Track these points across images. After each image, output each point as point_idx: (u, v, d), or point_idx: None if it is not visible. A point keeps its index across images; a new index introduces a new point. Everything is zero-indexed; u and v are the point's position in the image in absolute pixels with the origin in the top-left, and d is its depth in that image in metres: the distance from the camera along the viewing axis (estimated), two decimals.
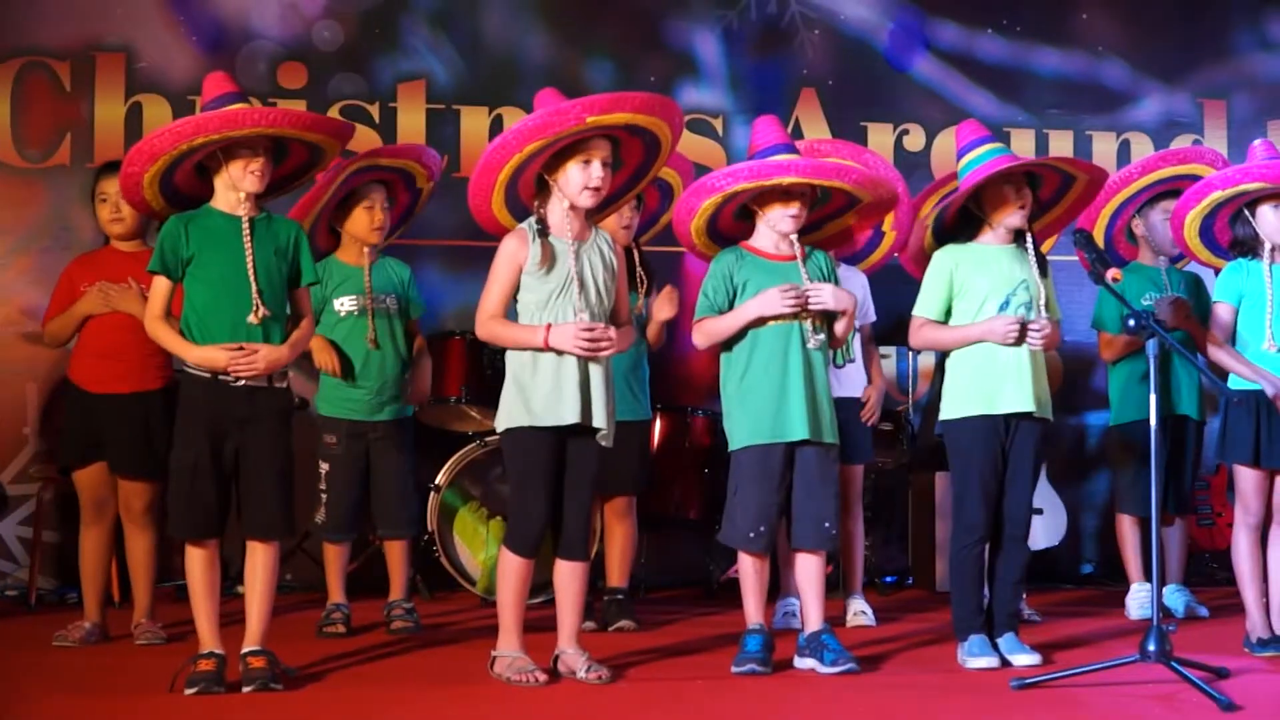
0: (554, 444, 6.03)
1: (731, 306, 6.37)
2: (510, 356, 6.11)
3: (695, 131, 9.71)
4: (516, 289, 6.07)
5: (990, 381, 6.44)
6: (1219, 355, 6.73)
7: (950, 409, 6.55)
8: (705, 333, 6.45)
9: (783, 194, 6.33)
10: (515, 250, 6.05)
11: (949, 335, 6.55)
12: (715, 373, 6.62)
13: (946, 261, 6.55)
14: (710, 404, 8.71)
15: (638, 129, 6.14)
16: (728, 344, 6.41)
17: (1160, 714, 5.51)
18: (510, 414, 6.05)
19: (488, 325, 6.09)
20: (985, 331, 6.40)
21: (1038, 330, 6.38)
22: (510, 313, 6.11)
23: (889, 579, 9.48)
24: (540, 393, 5.99)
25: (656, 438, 8.54)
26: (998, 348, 6.40)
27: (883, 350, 8.92)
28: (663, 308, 7.55)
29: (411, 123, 9.48)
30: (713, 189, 6.35)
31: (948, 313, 6.55)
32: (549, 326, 5.97)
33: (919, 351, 9.19)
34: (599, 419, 6.02)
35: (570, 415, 5.96)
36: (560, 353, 5.96)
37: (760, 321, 6.31)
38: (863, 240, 7.91)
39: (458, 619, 7.85)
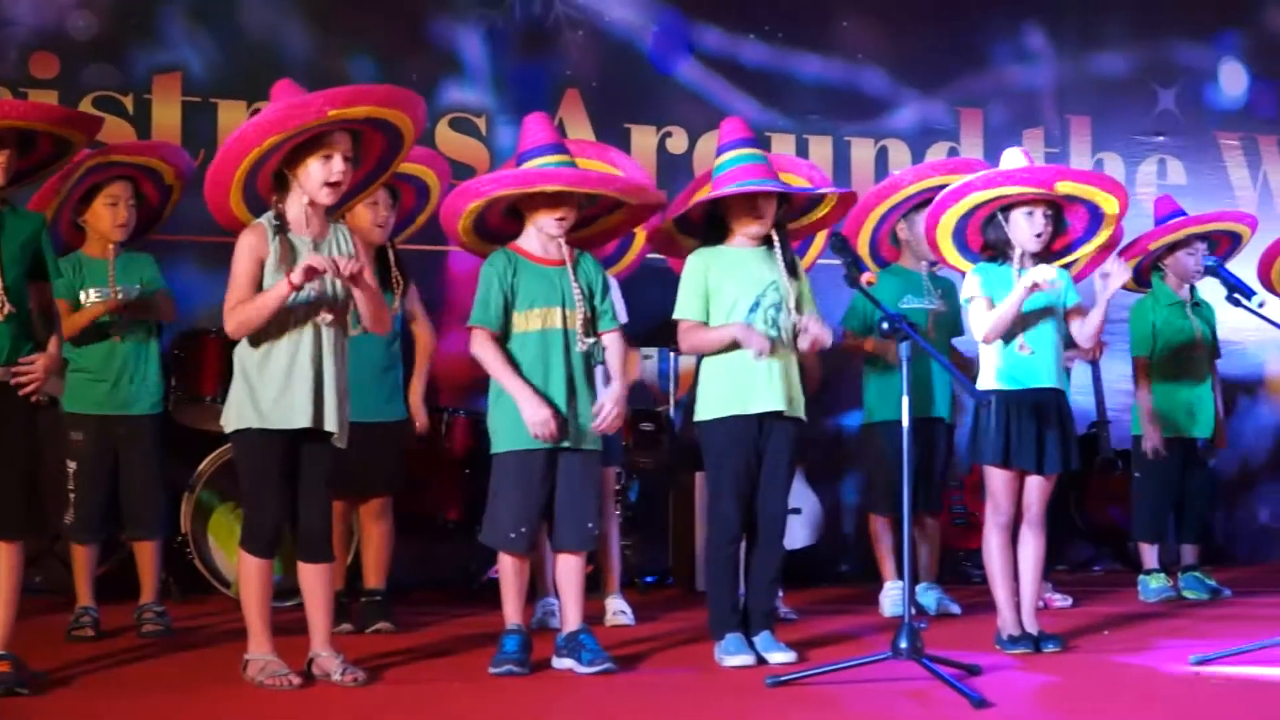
0: (286, 445, 5.93)
1: (507, 310, 6.33)
2: (240, 354, 5.98)
3: (458, 130, 9.68)
4: (260, 282, 5.93)
5: (743, 382, 6.49)
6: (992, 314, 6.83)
7: (704, 409, 6.60)
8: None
9: (550, 199, 6.32)
10: (255, 244, 5.90)
11: (710, 336, 6.58)
12: (475, 374, 6.58)
13: (699, 264, 6.59)
14: (470, 404, 8.68)
15: (380, 123, 6.04)
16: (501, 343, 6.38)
17: (912, 710, 5.59)
18: (239, 414, 5.93)
19: (234, 313, 5.89)
20: (737, 335, 6.45)
21: (807, 335, 6.47)
22: None
23: (649, 579, 9.52)
24: (269, 393, 5.88)
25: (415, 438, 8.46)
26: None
27: (644, 351, 8.97)
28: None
29: (167, 115, 9.29)
30: (477, 193, 6.32)
31: (709, 314, 6.58)
32: (288, 273, 5.78)
33: (680, 354, 9.23)
34: (330, 423, 5.93)
35: (301, 419, 5.88)
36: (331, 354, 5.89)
37: (530, 322, 6.30)
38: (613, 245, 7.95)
39: (212, 622, 7.68)
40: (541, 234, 6.39)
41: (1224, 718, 5.46)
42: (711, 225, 6.64)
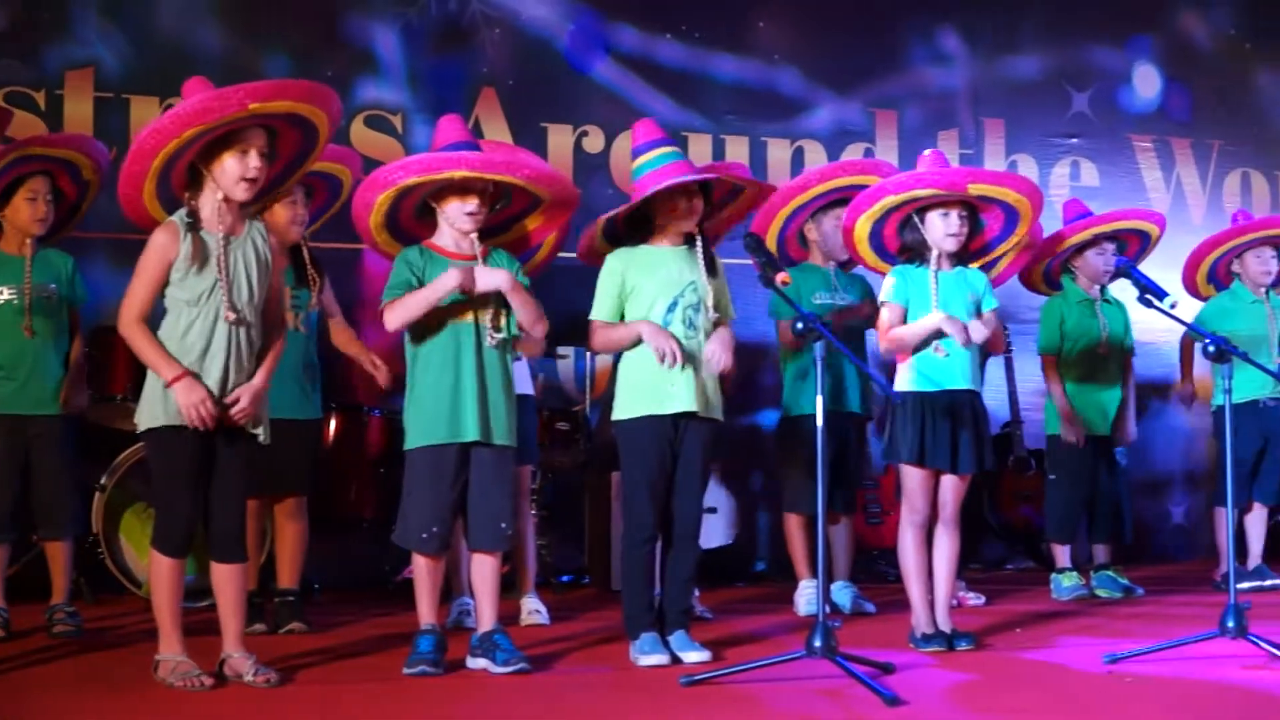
0: (198, 443, 5.88)
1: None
2: None
3: (373, 128, 9.64)
4: (164, 285, 5.88)
5: (659, 382, 6.49)
6: (885, 348, 6.87)
7: (621, 409, 6.59)
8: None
9: (460, 189, 6.29)
10: (165, 245, 5.84)
11: (618, 333, 6.57)
12: (393, 372, 6.55)
13: (617, 265, 6.59)
14: (386, 403, 8.64)
15: (296, 119, 6.00)
16: (415, 338, 6.35)
17: (826, 709, 5.59)
18: (151, 412, 5.88)
19: (131, 328, 5.84)
20: (644, 333, 6.45)
21: (711, 364, 6.53)
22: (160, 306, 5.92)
23: (565, 578, 9.51)
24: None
25: (331, 437, 8.42)
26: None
27: (560, 350, 8.97)
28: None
29: (79, 111, 9.21)
30: (386, 183, 6.28)
31: (623, 315, 6.58)
32: (177, 378, 5.77)
33: (598, 353, 9.23)
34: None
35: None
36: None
37: (438, 318, 6.27)
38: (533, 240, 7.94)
39: (123, 623, 7.62)
40: (454, 229, 6.36)
41: (1135, 716, 5.49)
42: (635, 226, 6.63)
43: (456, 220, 6.33)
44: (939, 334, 6.69)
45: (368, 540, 9.10)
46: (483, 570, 6.40)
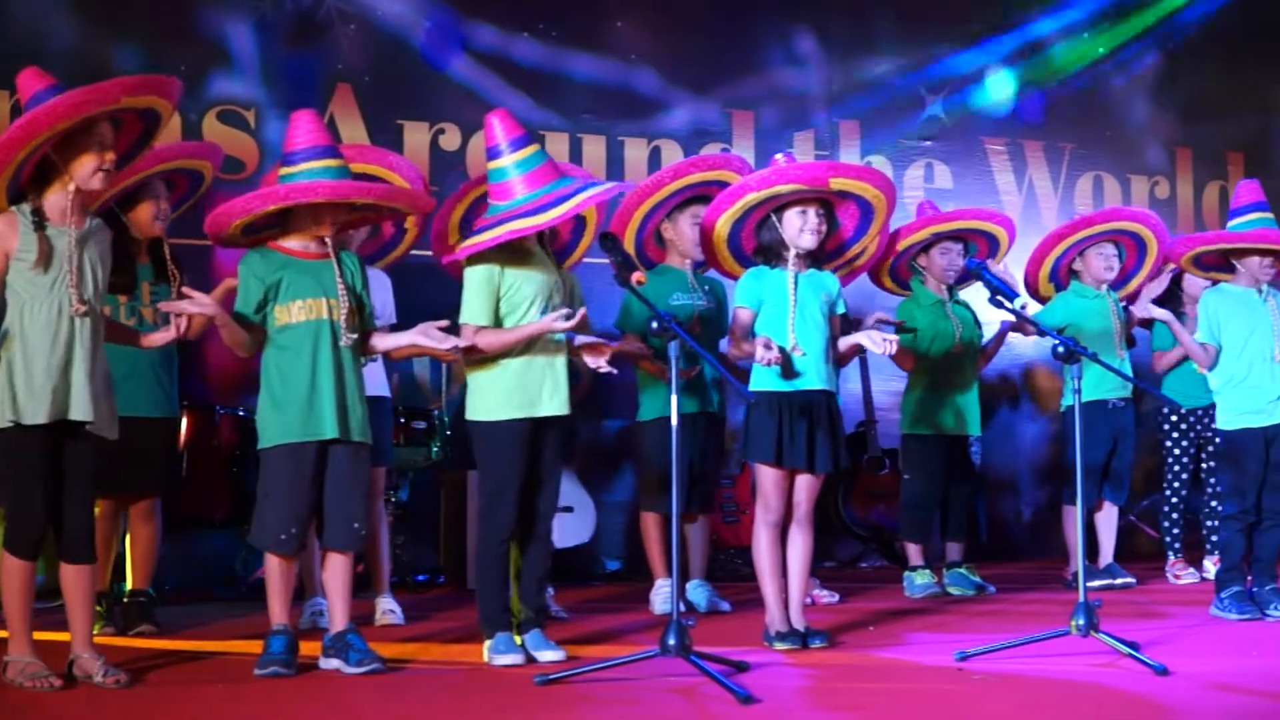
0: (48, 442, 5.81)
1: (263, 306, 6.23)
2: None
3: (226, 123, 9.54)
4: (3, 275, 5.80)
5: (526, 385, 6.47)
6: (735, 353, 6.91)
7: (483, 411, 6.54)
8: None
9: (315, 207, 6.25)
10: (4, 233, 5.78)
11: (509, 337, 6.49)
12: (245, 370, 6.48)
13: (493, 267, 6.51)
14: (240, 402, 8.55)
15: (147, 111, 5.97)
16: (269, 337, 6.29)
17: (680, 707, 5.61)
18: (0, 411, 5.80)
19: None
20: (542, 328, 6.39)
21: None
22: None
23: (421, 577, 9.46)
24: (27, 388, 5.75)
25: (183, 436, 8.32)
26: (532, 353, 6.43)
27: None
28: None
29: None
30: (245, 210, 6.22)
31: (498, 319, 6.53)
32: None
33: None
34: (80, 411, 5.82)
35: (53, 412, 5.76)
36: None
37: (295, 315, 6.21)
38: (386, 236, 7.89)
39: None
40: (308, 235, 6.32)
41: (986, 712, 5.54)
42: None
43: (310, 230, 6.30)
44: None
45: (219, 540, 9.00)
46: (335, 570, 6.35)
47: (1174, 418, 9.55)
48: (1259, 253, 7.66)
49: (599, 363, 6.62)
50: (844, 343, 7.03)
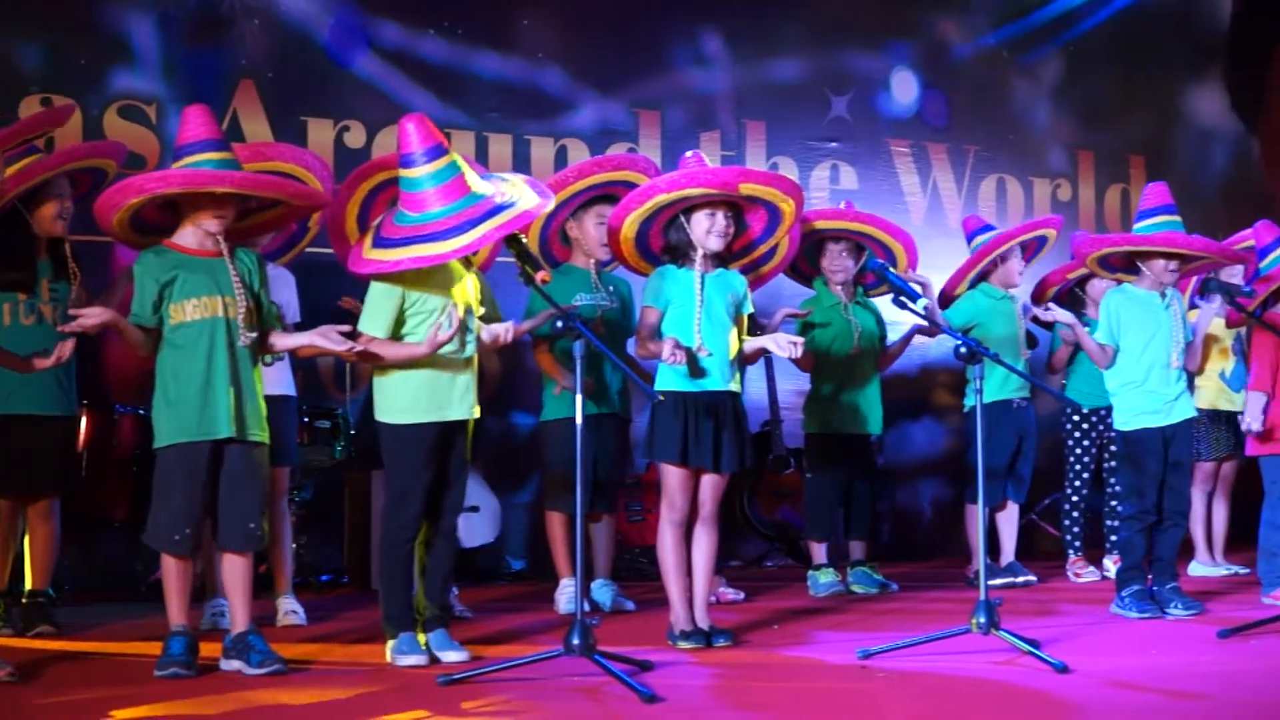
0: None
1: (160, 305, 6.18)
2: None
3: (127, 118, 9.44)
4: None
5: (436, 389, 6.44)
6: (641, 354, 6.91)
7: (391, 413, 6.51)
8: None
9: (214, 199, 6.20)
10: None
11: (394, 353, 6.47)
12: (144, 369, 6.41)
13: (394, 278, 6.42)
14: (140, 401, 8.46)
15: None
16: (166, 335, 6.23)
17: (583, 706, 5.61)
18: None
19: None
20: (433, 344, 6.37)
21: (495, 333, 6.51)
22: None
23: (325, 577, 9.40)
24: None
25: (82, 435, 8.23)
26: (442, 356, 6.41)
27: None
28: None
29: None
30: (140, 189, 6.17)
31: (398, 325, 6.48)
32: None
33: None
34: None
35: None
36: None
37: (190, 313, 6.16)
38: (287, 234, 7.85)
39: None
40: (199, 230, 6.27)
41: (888, 710, 5.57)
42: None
43: (205, 225, 6.25)
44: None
45: (119, 541, 8.91)
46: (234, 571, 6.31)
47: (1076, 417, 9.64)
48: (1164, 255, 7.72)
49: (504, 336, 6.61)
50: (750, 345, 7.04)
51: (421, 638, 6.47)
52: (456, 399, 6.48)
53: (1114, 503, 9.54)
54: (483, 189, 6.44)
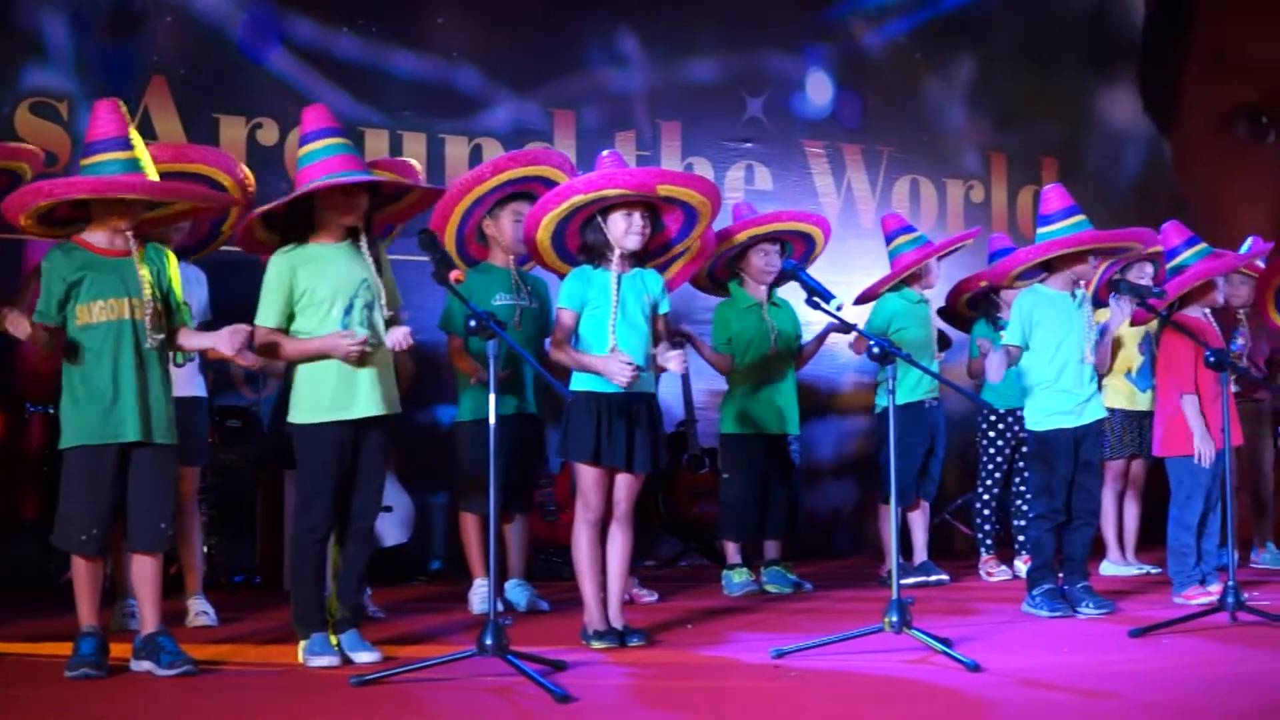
0: None
1: (64, 305, 6.13)
2: None
3: (39, 115, 9.36)
4: None
5: (342, 387, 6.41)
6: (559, 356, 6.89)
7: (302, 413, 6.48)
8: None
9: (122, 202, 6.16)
10: None
11: (291, 349, 6.46)
12: (55, 368, 6.35)
13: (284, 267, 6.44)
14: (51, 400, 8.37)
15: None
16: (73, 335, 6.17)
17: (496, 707, 5.59)
18: None
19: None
20: (329, 347, 6.36)
21: (394, 340, 6.46)
22: None
23: (237, 578, 9.33)
24: None
25: None
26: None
27: None
28: None
29: None
30: (49, 194, 6.12)
31: (292, 317, 6.46)
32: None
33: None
34: None
35: None
36: None
37: (97, 314, 6.10)
38: (202, 232, 7.80)
39: None
40: (108, 228, 6.22)
41: (801, 708, 5.58)
42: (297, 220, 6.51)
43: (113, 224, 6.21)
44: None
45: (30, 541, 8.81)
46: (143, 571, 6.26)
47: (992, 418, 9.70)
48: (1082, 254, 7.77)
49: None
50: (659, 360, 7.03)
51: (334, 638, 6.43)
52: (363, 396, 6.44)
53: (1019, 502, 9.64)
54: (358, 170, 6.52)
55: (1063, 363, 7.75)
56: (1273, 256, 9.48)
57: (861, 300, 9.38)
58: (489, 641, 5.86)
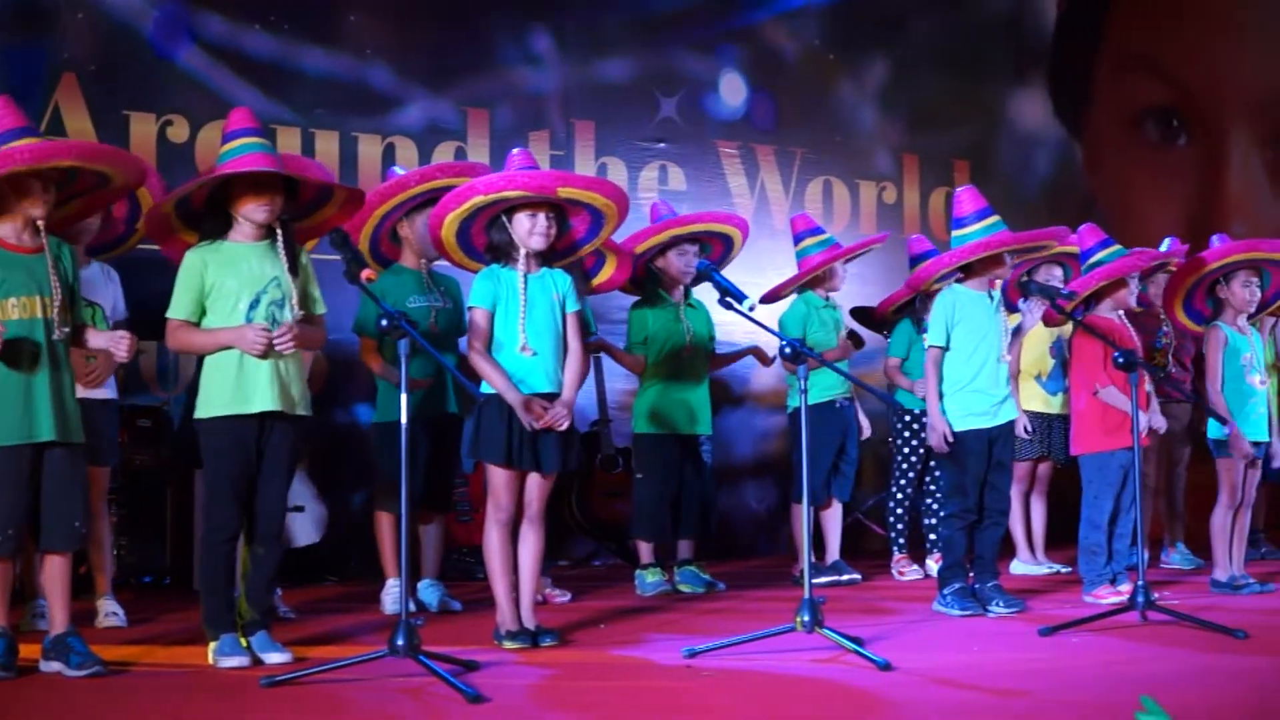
0: None
1: None
2: None
3: None
4: None
5: (243, 381, 6.37)
6: (477, 361, 6.86)
7: (203, 408, 6.45)
8: None
9: (18, 183, 6.10)
10: None
11: (200, 340, 6.44)
12: None
13: (197, 261, 6.42)
14: None
15: None
16: None
17: (407, 707, 5.58)
18: None
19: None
20: (235, 339, 6.33)
21: (282, 337, 6.38)
22: None
23: (147, 579, 9.26)
24: None
25: None
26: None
27: (142, 345, 8.72)
28: None
29: None
30: None
31: (204, 312, 6.43)
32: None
33: (175, 353, 9.03)
34: None
35: None
36: None
37: (9, 312, 6.04)
38: (116, 231, 7.73)
39: None
40: (18, 224, 6.16)
41: (713, 708, 5.60)
42: (213, 215, 6.47)
43: (28, 208, 6.14)
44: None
45: None
46: (54, 571, 6.22)
47: (907, 417, 9.75)
48: (999, 256, 7.83)
49: None
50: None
51: (244, 640, 6.39)
52: (262, 391, 6.39)
53: (930, 501, 9.70)
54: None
55: (980, 363, 7.80)
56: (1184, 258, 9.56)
57: (766, 300, 9.40)
58: (401, 642, 5.84)
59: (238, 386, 6.38)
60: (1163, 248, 9.40)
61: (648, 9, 11.72)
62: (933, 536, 9.61)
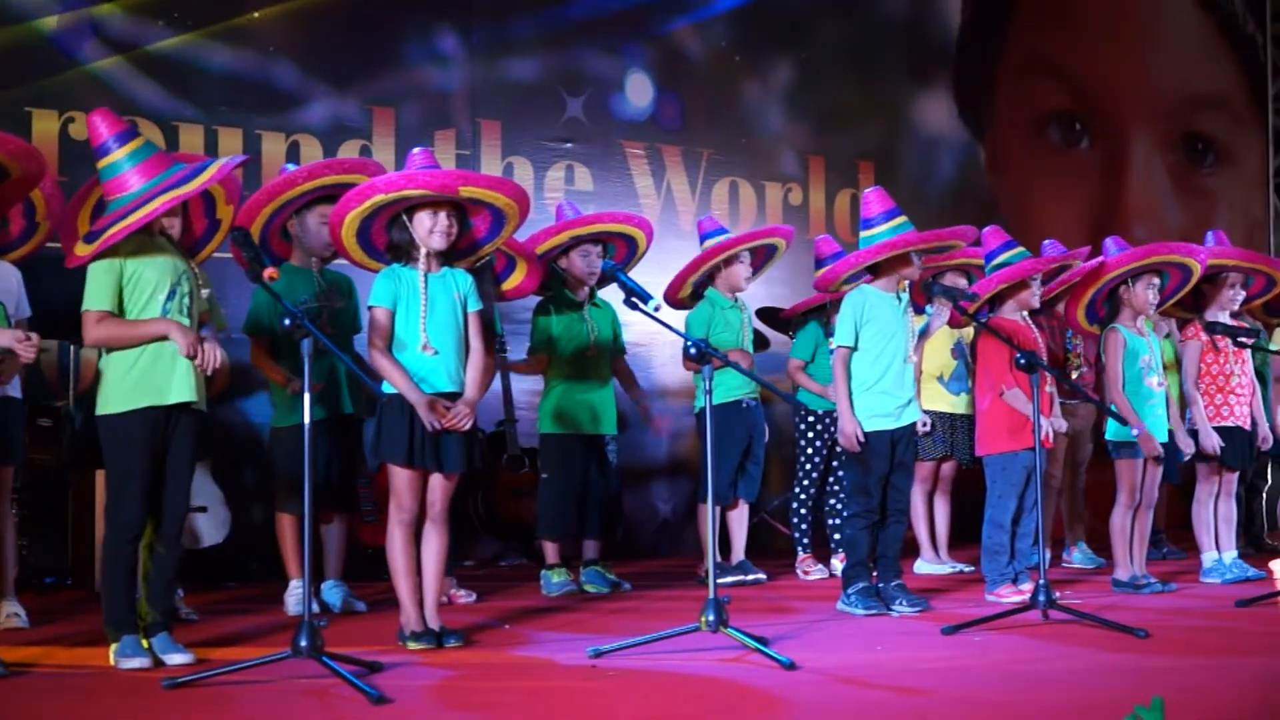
0: None
1: None
2: None
3: None
4: None
5: (153, 374, 6.33)
6: (379, 360, 6.83)
7: (111, 403, 6.39)
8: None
9: None
10: None
11: (135, 331, 6.36)
12: None
13: (111, 260, 6.36)
14: None
15: None
16: None
17: (310, 708, 5.56)
18: None
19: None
20: (169, 329, 6.28)
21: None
22: None
23: (49, 579, 9.17)
24: None
25: None
26: (161, 343, 6.30)
27: (44, 344, 8.62)
28: None
29: None
30: None
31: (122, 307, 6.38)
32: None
33: (86, 345, 8.93)
34: None
35: None
36: None
37: None
38: (15, 230, 7.66)
39: None
40: None
41: (617, 708, 5.61)
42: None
43: None
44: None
45: None
46: None
47: (810, 418, 9.80)
48: (907, 256, 7.87)
49: None
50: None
51: (145, 641, 6.35)
52: (178, 382, 6.36)
53: (834, 501, 9.76)
54: (180, 161, 6.45)
55: (887, 363, 7.83)
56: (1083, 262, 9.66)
57: (666, 296, 9.42)
58: (304, 643, 5.82)
59: (151, 377, 6.34)
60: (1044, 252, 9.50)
61: (553, 8, 11.71)
62: (837, 536, 9.66)
